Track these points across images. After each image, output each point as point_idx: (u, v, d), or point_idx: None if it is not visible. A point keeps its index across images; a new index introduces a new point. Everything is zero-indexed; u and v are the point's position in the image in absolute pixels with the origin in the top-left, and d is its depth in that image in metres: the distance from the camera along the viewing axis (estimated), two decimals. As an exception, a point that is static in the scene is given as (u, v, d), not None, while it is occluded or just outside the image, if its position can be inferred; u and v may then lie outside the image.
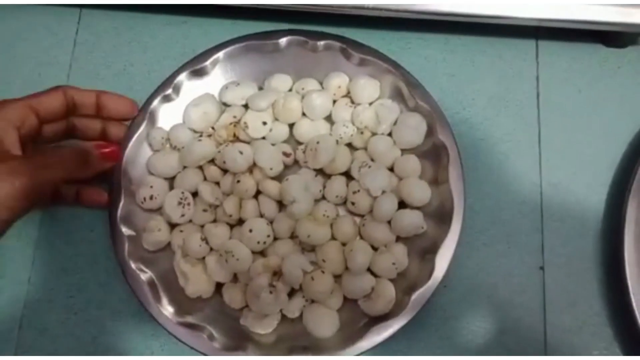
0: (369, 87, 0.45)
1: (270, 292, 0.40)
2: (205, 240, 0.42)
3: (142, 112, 0.44)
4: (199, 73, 0.45)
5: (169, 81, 0.45)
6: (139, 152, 0.44)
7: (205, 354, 0.40)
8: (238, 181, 0.42)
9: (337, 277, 0.42)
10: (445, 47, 0.49)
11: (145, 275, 0.42)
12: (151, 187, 0.43)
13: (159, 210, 0.44)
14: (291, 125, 0.46)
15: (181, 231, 0.43)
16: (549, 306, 0.44)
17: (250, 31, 0.46)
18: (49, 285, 0.45)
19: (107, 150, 0.42)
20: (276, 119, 0.45)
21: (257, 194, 0.43)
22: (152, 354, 0.44)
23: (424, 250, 0.42)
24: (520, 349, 0.43)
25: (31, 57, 0.50)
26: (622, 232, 0.42)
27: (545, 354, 0.43)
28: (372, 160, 0.44)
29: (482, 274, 0.45)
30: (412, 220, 0.42)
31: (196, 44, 0.48)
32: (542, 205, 0.46)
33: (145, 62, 0.49)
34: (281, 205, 0.43)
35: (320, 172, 0.45)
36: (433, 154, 0.44)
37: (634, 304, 0.41)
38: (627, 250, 0.42)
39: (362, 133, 0.45)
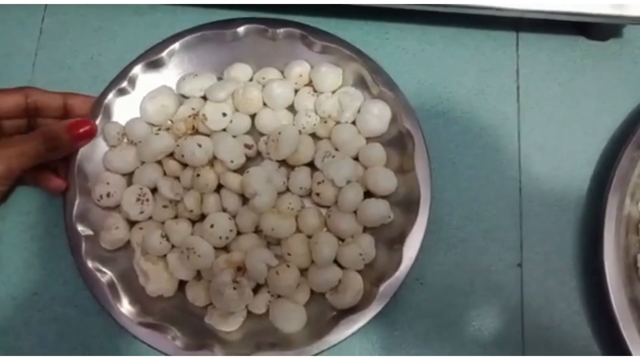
0: (331, 75, 0.44)
1: (235, 289, 0.39)
2: (165, 237, 0.41)
3: (97, 107, 0.43)
4: (154, 65, 0.44)
5: (123, 74, 0.43)
6: (94, 148, 0.42)
7: (169, 355, 0.39)
8: (198, 175, 0.41)
9: (304, 271, 0.41)
10: (423, 38, 0.48)
11: (105, 275, 0.40)
12: (108, 183, 0.42)
13: (117, 207, 0.42)
14: (253, 116, 0.44)
15: (141, 228, 0.42)
16: (527, 304, 0.43)
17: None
18: (12, 281, 0.44)
19: (81, 130, 0.41)
20: (237, 110, 0.44)
21: (219, 187, 0.42)
22: (118, 351, 0.42)
23: (391, 240, 0.41)
24: (498, 347, 0.43)
25: (-5, 46, 0.48)
26: (602, 228, 0.41)
27: (523, 353, 0.43)
28: (337, 149, 0.43)
29: (458, 271, 0.44)
30: (378, 210, 0.41)
31: (167, 33, 0.45)
32: (520, 201, 0.45)
33: (114, 51, 0.48)
34: (244, 199, 0.42)
35: (283, 163, 0.43)
36: (398, 142, 0.43)
37: (613, 302, 0.40)
38: (607, 247, 0.41)
39: (325, 122, 0.44)
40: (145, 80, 0.44)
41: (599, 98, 0.47)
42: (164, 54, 0.44)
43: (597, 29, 0.47)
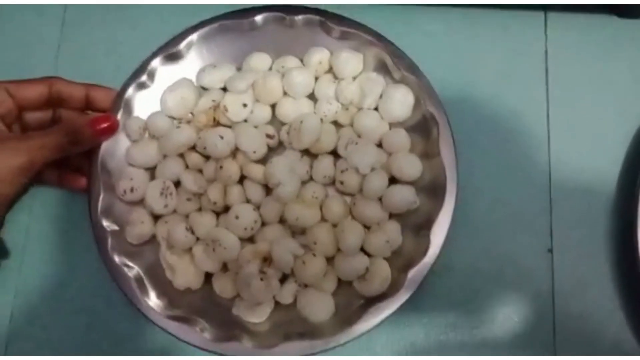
0: (351, 61, 0.43)
1: (261, 279, 0.39)
2: (190, 229, 0.41)
3: (117, 102, 0.42)
4: (173, 57, 0.43)
5: (142, 67, 0.43)
6: (116, 143, 0.42)
7: (198, 347, 0.39)
8: (221, 167, 0.41)
9: (330, 259, 0.41)
10: (447, 20, 0.47)
11: (132, 270, 0.40)
12: (131, 179, 0.42)
13: (141, 202, 0.42)
14: (273, 106, 0.44)
15: (166, 222, 0.42)
16: (558, 290, 0.42)
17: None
18: (41, 273, 0.44)
19: (103, 126, 0.41)
20: (257, 100, 0.43)
21: (242, 179, 0.42)
22: (145, 342, 0.43)
23: (418, 226, 0.41)
24: (528, 335, 0.42)
25: (18, 37, 0.48)
26: (635, 212, 0.40)
27: (554, 341, 0.42)
28: (359, 136, 0.42)
29: (487, 258, 0.43)
30: (404, 196, 0.40)
31: (189, 23, 0.44)
32: (550, 185, 0.44)
33: (135, 39, 0.47)
34: (268, 189, 0.42)
35: (306, 152, 0.43)
36: (422, 127, 0.42)
37: None
38: None
39: (347, 109, 0.43)
40: (165, 73, 0.44)
41: (631, 78, 0.46)
42: (182, 46, 0.43)
43: (629, 6, 0.45)
